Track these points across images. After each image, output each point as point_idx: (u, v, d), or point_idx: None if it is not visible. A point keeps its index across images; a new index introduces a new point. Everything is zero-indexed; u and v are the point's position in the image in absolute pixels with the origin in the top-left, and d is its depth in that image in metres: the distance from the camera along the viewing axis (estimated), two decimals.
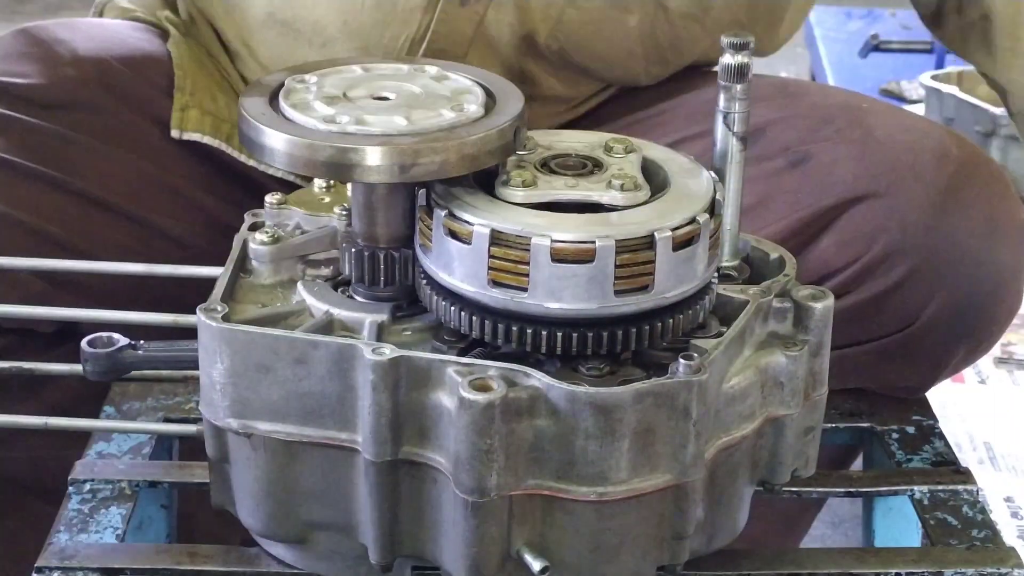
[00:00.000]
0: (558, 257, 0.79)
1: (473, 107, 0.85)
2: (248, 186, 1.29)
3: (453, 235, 0.81)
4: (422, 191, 0.83)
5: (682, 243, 0.81)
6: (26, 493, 1.20)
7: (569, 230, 0.80)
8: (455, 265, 0.81)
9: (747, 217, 1.13)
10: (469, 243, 0.80)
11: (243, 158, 1.28)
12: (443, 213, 0.81)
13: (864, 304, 1.11)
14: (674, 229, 0.81)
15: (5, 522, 1.21)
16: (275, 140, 0.82)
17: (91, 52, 1.29)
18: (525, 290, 0.80)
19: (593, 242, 0.79)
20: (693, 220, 0.82)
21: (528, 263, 0.79)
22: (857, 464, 1.18)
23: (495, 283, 0.80)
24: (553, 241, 0.79)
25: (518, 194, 0.82)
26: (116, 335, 0.91)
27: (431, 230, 0.82)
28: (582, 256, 0.79)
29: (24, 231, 1.18)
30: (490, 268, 0.80)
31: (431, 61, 0.92)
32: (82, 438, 1.07)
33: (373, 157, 0.80)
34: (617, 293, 0.80)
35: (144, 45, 1.32)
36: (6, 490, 1.20)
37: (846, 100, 1.24)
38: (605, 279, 0.80)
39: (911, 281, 1.10)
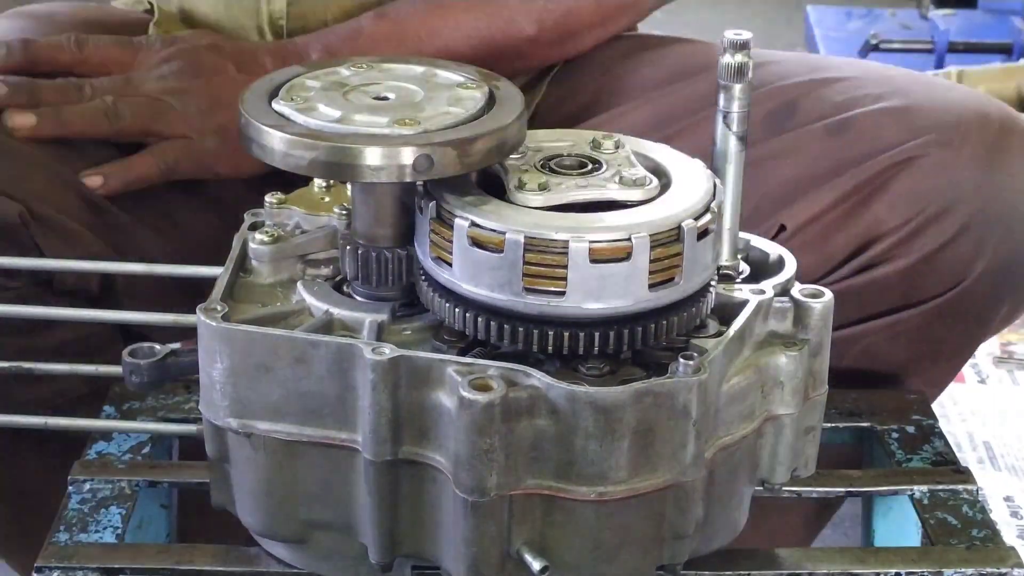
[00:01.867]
0: (596, 258, 0.79)
1: (473, 107, 0.85)
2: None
3: (479, 245, 0.80)
4: (432, 204, 0.82)
5: (703, 233, 0.82)
6: (39, 457, 1.21)
7: (602, 230, 0.80)
8: (483, 275, 0.80)
9: (788, 184, 1.17)
10: (500, 252, 0.79)
11: None
12: (466, 224, 0.80)
13: (917, 264, 1.14)
14: (696, 219, 0.82)
15: (19, 489, 1.21)
16: (274, 140, 0.82)
17: (84, 18, 1.31)
18: (563, 294, 0.80)
19: (629, 239, 0.79)
20: (709, 209, 0.83)
21: (566, 267, 0.79)
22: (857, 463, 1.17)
23: (530, 290, 0.80)
24: (591, 242, 0.79)
25: (536, 198, 0.82)
26: (155, 344, 0.91)
27: (450, 242, 0.81)
28: (619, 254, 0.79)
29: (78, 193, 1.20)
30: (525, 275, 0.79)
31: (430, 61, 0.92)
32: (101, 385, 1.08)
33: (373, 157, 0.80)
34: (651, 287, 0.80)
35: (132, 14, 1.37)
36: (21, 456, 1.20)
37: (876, 70, 1.26)
38: (640, 275, 0.80)
39: (961, 238, 1.13)
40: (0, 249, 1.11)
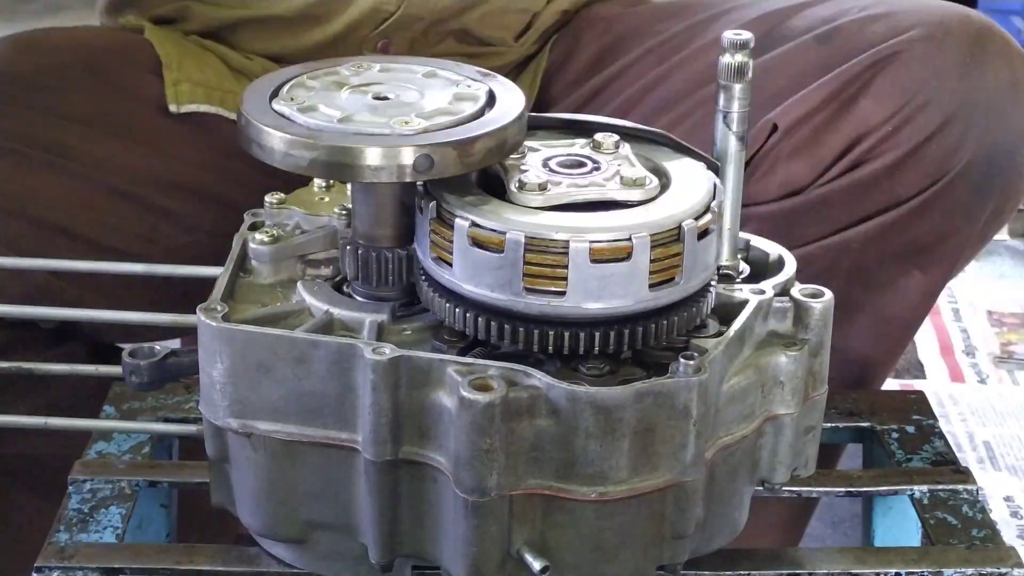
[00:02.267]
0: (596, 257, 0.79)
1: (474, 106, 0.85)
2: (246, 158, 1.30)
3: (480, 245, 0.80)
4: (432, 204, 0.82)
5: (703, 232, 0.82)
6: (25, 490, 1.21)
7: (602, 230, 0.79)
8: (483, 275, 0.80)
9: (781, 94, 1.19)
10: (500, 252, 0.79)
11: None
12: (466, 224, 0.80)
13: (903, 158, 1.16)
14: (696, 219, 0.82)
15: (5, 519, 1.21)
16: (274, 139, 0.82)
17: (75, 42, 1.31)
18: (563, 294, 0.80)
19: (629, 239, 0.79)
20: (709, 209, 0.83)
21: (566, 267, 0.79)
22: (857, 463, 1.18)
23: (530, 290, 0.80)
24: (591, 242, 0.79)
25: (536, 198, 0.82)
26: (156, 345, 0.91)
27: (450, 242, 0.81)
28: (619, 254, 0.79)
29: (26, 219, 1.18)
30: (525, 275, 0.79)
31: (428, 60, 0.92)
32: (82, 435, 1.07)
33: (373, 157, 0.80)
34: (651, 287, 0.80)
35: (125, 36, 1.35)
36: (4, 487, 1.20)
37: None
38: (641, 275, 0.80)
39: (944, 130, 1.15)
40: None
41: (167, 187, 1.28)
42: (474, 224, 0.80)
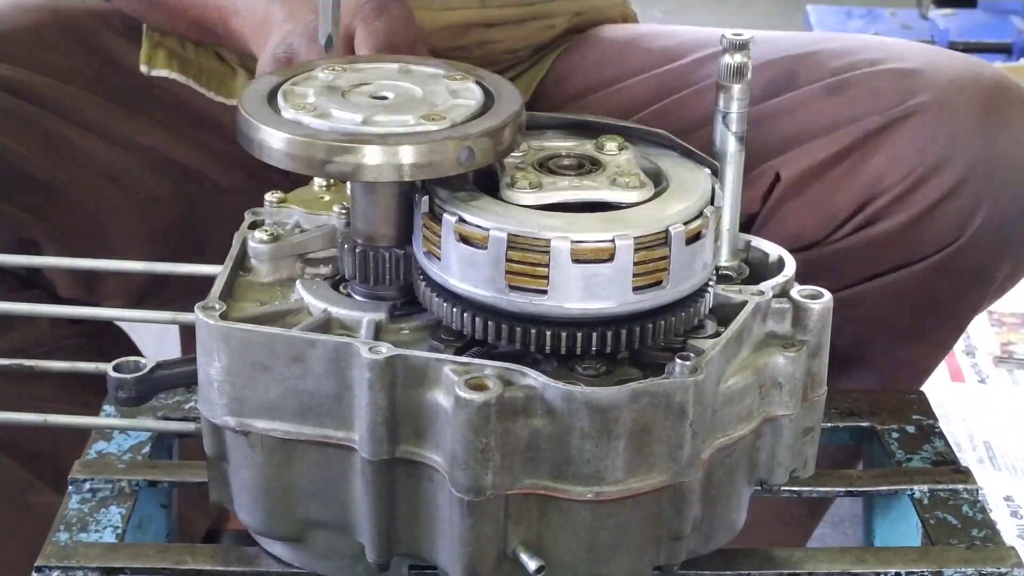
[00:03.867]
0: (578, 258, 0.79)
1: (472, 106, 0.85)
2: (214, 129, 1.31)
3: (466, 241, 0.80)
4: (425, 198, 0.82)
5: (693, 237, 0.82)
6: (33, 476, 1.21)
7: (586, 230, 0.80)
8: (469, 271, 0.81)
9: (787, 142, 1.19)
10: (484, 248, 0.80)
11: (211, 94, 1.30)
12: (454, 219, 0.81)
13: (917, 218, 1.15)
14: (686, 223, 0.81)
15: (11, 506, 1.22)
16: (274, 139, 0.82)
17: (54, 4, 1.32)
18: (545, 292, 0.80)
19: (612, 241, 0.79)
20: (701, 214, 0.83)
21: (547, 265, 0.79)
22: (857, 463, 1.18)
23: (513, 287, 0.80)
24: (573, 242, 0.79)
25: (527, 196, 0.82)
26: (141, 358, 0.90)
27: (439, 237, 0.81)
28: (601, 255, 0.79)
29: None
30: (507, 272, 0.80)
31: (428, 60, 0.92)
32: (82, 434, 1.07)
33: (372, 156, 0.80)
34: (635, 290, 0.80)
35: (107, 7, 1.36)
36: (13, 472, 1.20)
37: (872, 39, 1.28)
38: (624, 277, 0.80)
39: (960, 190, 1.14)
40: None
41: (136, 148, 1.29)
42: (461, 219, 0.80)
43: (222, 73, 1.33)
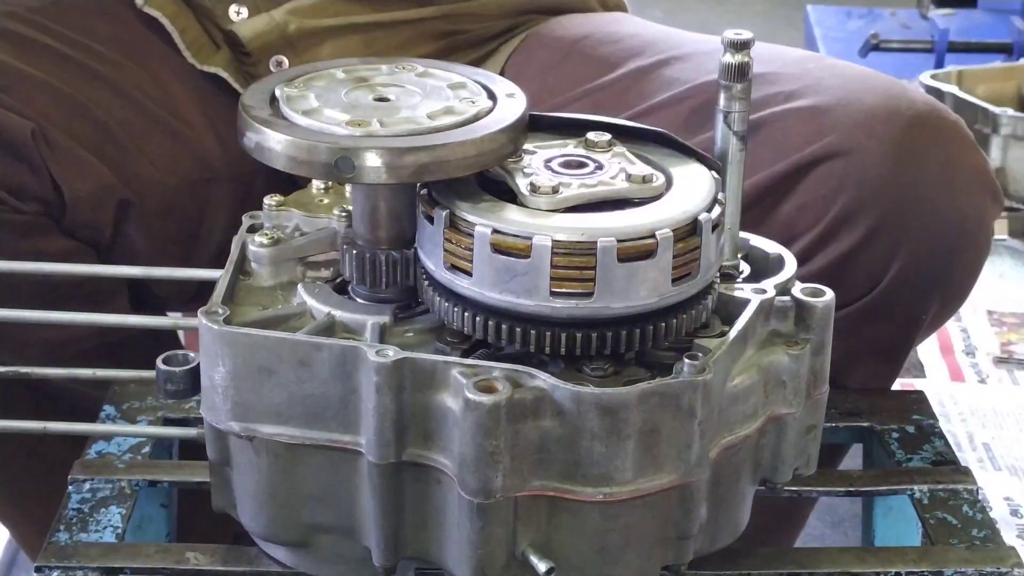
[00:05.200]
0: (624, 256, 0.79)
1: (475, 107, 0.85)
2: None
3: (503, 252, 0.80)
4: (445, 212, 0.82)
5: (716, 224, 0.82)
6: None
7: (626, 228, 0.80)
8: (508, 282, 0.80)
9: None
10: (526, 257, 0.79)
11: (188, 55, 1.29)
12: (488, 231, 0.80)
13: (830, 267, 1.11)
14: (709, 211, 0.82)
15: (30, 464, 1.21)
16: (275, 141, 0.82)
17: None
18: (591, 295, 0.80)
19: (654, 236, 0.79)
20: (717, 200, 0.83)
21: (594, 268, 0.79)
22: (857, 463, 1.18)
23: (557, 293, 0.80)
24: (619, 241, 0.79)
25: (549, 200, 0.82)
26: (190, 352, 0.89)
27: (468, 250, 0.81)
28: (645, 251, 0.79)
29: (87, 118, 1.20)
30: (552, 278, 0.79)
31: (427, 62, 0.92)
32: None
33: (373, 158, 0.80)
34: (673, 282, 0.81)
35: None
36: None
37: (793, 61, 1.22)
38: (665, 270, 0.80)
39: (874, 238, 1.10)
40: (8, 166, 1.13)
41: (186, 117, 1.28)
42: (496, 231, 0.80)
43: (202, 42, 1.31)
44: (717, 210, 0.83)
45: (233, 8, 1.29)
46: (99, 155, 1.19)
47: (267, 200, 0.94)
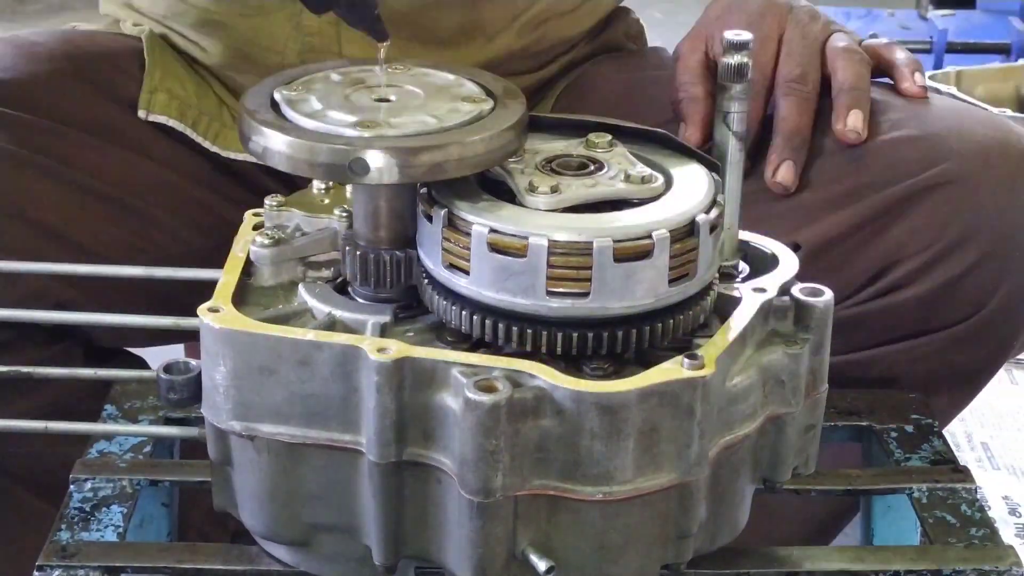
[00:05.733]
0: (620, 256, 0.79)
1: (476, 108, 0.85)
2: (235, 178, 1.31)
3: (500, 251, 0.80)
4: (443, 211, 0.82)
5: (714, 226, 0.83)
6: (24, 491, 1.21)
7: (623, 228, 0.80)
8: (504, 281, 0.80)
9: (806, 211, 1.16)
10: (523, 256, 0.80)
11: (207, 144, 1.29)
12: (485, 230, 0.81)
13: (937, 290, 1.13)
14: (707, 212, 0.82)
15: (3, 520, 1.21)
16: (275, 142, 0.82)
17: (69, 47, 1.31)
18: (587, 295, 0.80)
19: (650, 237, 0.80)
20: (716, 202, 0.83)
21: (590, 268, 0.79)
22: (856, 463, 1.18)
23: (553, 293, 0.80)
24: (615, 242, 0.79)
25: (548, 200, 0.82)
26: (191, 360, 0.90)
27: (466, 249, 0.81)
28: (641, 252, 0.80)
29: (23, 222, 1.19)
30: (549, 278, 0.80)
31: (420, 62, 0.92)
32: (81, 436, 1.07)
33: (386, 159, 0.80)
34: (670, 283, 0.81)
35: (116, 42, 1.36)
36: (5, 487, 1.20)
37: (888, 92, 1.24)
38: (661, 271, 0.80)
39: (982, 266, 1.12)
40: None
41: (160, 196, 1.28)
42: (493, 230, 0.80)
43: (221, 120, 1.33)
44: (715, 211, 0.83)
45: None
46: (35, 256, 1.17)
47: (268, 200, 0.94)
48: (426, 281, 0.85)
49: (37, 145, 1.23)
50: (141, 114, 1.29)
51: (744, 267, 0.92)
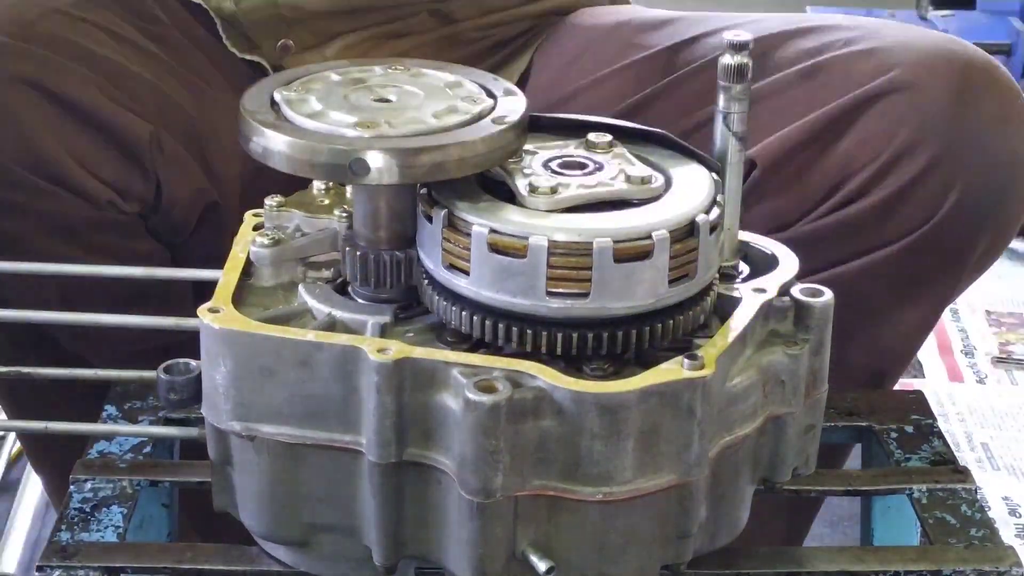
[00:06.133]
0: (620, 257, 0.79)
1: (477, 105, 0.85)
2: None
3: (500, 251, 0.80)
4: (443, 212, 0.82)
5: (714, 226, 0.83)
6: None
7: (623, 229, 0.80)
8: (504, 282, 0.81)
9: (762, 130, 1.17)
10: (523, 257, 0.80)
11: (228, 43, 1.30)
12: (485, 231, 0.81)
13: (888, 200, 1.14)
14: (707, 212, 0.82)
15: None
16: (276, 142, 0.82)
17: None
18: (587, 295, 0.80)
19: (650, 237, 0.80)
20: (716, 202, 0.83)
21: (590, 268, 0.79)
22: (856, 463, 1.18)
23: (553, 293, 0.80)
24: (615, 242, 0.79)
25: (548, 201, 0.82)
26: (191, 360, 0.90)
27: (466, 249, 0.81)
28: (641, 252, 0.80)
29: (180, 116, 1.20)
30: (549, 278, 0.80)
31: (419, 61, 0.92)
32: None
33: (386, 160, 0.80)
34: (670, 283, 0.81)
35: None
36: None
37: (849, 19, 1.27)
38: (661, 271, 0.80)
39: (932, 172, 1.13)
40: (122, 169, 1.14)
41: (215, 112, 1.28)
42: (493, 231, 0.80)
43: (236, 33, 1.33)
44: (716, 212, 0.83)
45: None
46: (194, 156, 1.20)
47: (268, 200, 0.94)
48: (426, 281, 0.85)
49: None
50: None
51: (744, 267, 0.92)
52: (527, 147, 0.87)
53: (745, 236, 0.93)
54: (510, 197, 0.83)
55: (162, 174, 1.17)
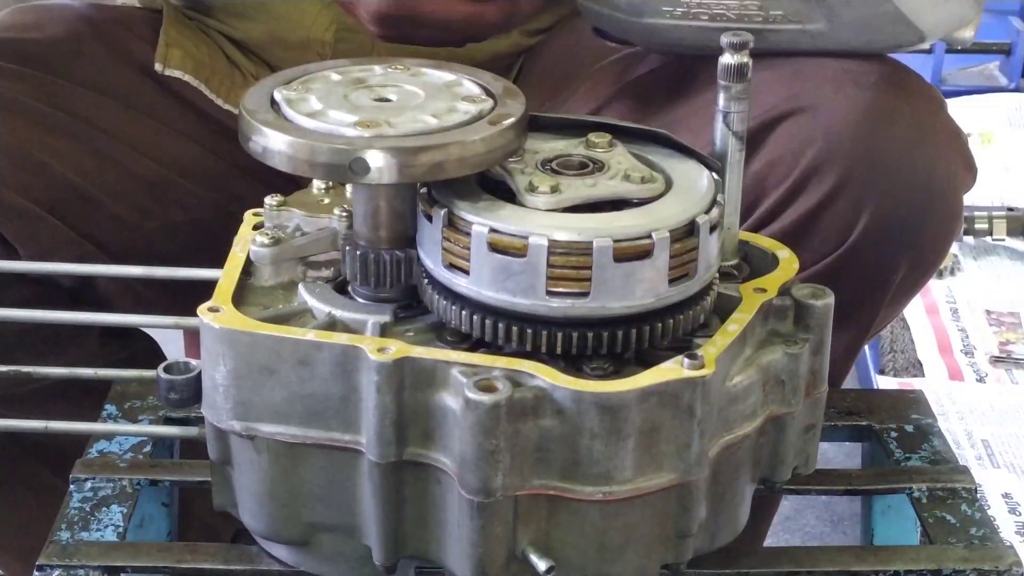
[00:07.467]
0: (620, 256, 0.79)
1: (476, 107, 0.85)
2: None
3: (501, 250, 0.80)
4: (443, 211, 0.82)
5: (714, 226, 0.83)
6: (36, 462, 1.21)
7: (623, 228, 0.80)
8: (504, 281, 0.81)
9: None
10: (523, 256, 0.80)
11: (219, 101, 1.31)
12: (485, 230, 0.81)
13: (800, 221, 1.10)
14: (707, 212, 0.82)
15: (13, 491, 1.21)
16: (275, 142, 0.82)
17: (84, 13, 1.33)
18: (587, 295, 0.80)
19: (650, 236, 0.80)
20: (716, 201, 0.84)
21: (590, 267, 0.79)
22: (856, 463, 1.18)
23: (553, 292, 0.80)
24: (615, 242, 0.79)
25: (548, 200, 0.82)
26: (192, 360, 0.90)
27: (466, 249, 0.81)
28: (641, 252, 0.80)
29: (46, 177, 1.20)
30: (549, 278, 0.80)
31: (419, 61, 0.92)
32: (95, 407, 1.07)
33: (386, 159, 0.80)
34: (670, 283, 0.81)
35: (132, 11, 1.37)
36: (17, 458, 1.20)
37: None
38: (661, 271, 0.81)
39: (842, 191, 1.09)
40: None
41: (171, 162, 1.29)
42: (493, 230, 0.80)
43: (232, 80, 1.33)
44: (715, 211, 0.83)
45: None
46: (59, 211, 1.19)
47: (268, 200, 0.94)
48: (426, 281, 0.85)
49: (56, 103, 1.25)
50: (157, 67, 1.31)
51: (744, 267, 0.92)
52: (527, 146, 0.87)
53: (745, 236, 0.93)
54: (510, 196, 0.83)
55: (6, 232, 1.17)
